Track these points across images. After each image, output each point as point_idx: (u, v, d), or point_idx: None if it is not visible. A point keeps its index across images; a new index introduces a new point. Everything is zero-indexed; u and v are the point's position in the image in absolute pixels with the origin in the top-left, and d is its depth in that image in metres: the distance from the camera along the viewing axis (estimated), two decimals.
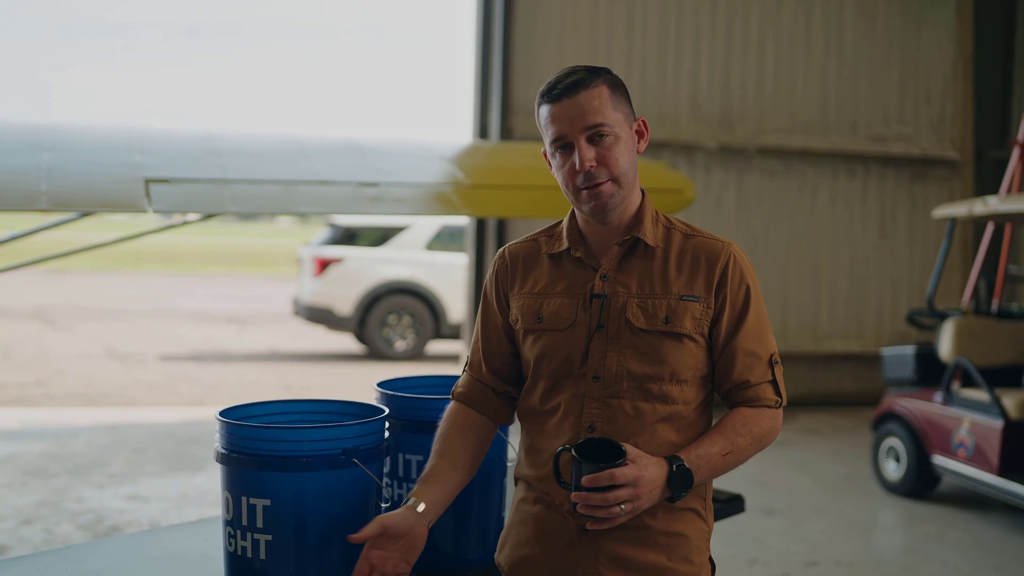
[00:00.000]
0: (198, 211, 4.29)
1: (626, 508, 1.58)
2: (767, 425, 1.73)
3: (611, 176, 1.70)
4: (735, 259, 1.75)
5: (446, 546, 2.16)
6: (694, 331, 1.72)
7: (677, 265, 1.75)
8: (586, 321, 1.74)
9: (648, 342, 1.71)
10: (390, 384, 2.28)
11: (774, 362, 1.75)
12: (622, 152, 1.70)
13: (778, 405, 1.75)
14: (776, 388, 1.75)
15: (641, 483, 1.58)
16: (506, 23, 8.22)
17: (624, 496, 1.57)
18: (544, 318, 1.78)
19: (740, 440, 1.70)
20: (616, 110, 1.70)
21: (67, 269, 22.60)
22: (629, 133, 1.73)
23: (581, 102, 1.68)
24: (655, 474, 1.60)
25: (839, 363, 8.90)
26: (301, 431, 1.83)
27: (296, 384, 9.51)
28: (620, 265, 1.76)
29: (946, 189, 9.16)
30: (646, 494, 1.59)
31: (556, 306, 1.78)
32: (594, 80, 1.69)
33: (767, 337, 1.76)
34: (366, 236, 11.54)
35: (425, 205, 4.21)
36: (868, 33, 9.00)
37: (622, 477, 1.57)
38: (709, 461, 1.67)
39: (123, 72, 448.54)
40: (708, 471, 1.68)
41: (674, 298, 1.72)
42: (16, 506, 5.32)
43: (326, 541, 1.82)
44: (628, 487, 1.57)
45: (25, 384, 9.14)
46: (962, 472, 5.40)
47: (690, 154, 8.57)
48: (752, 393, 1.73)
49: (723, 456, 1.68)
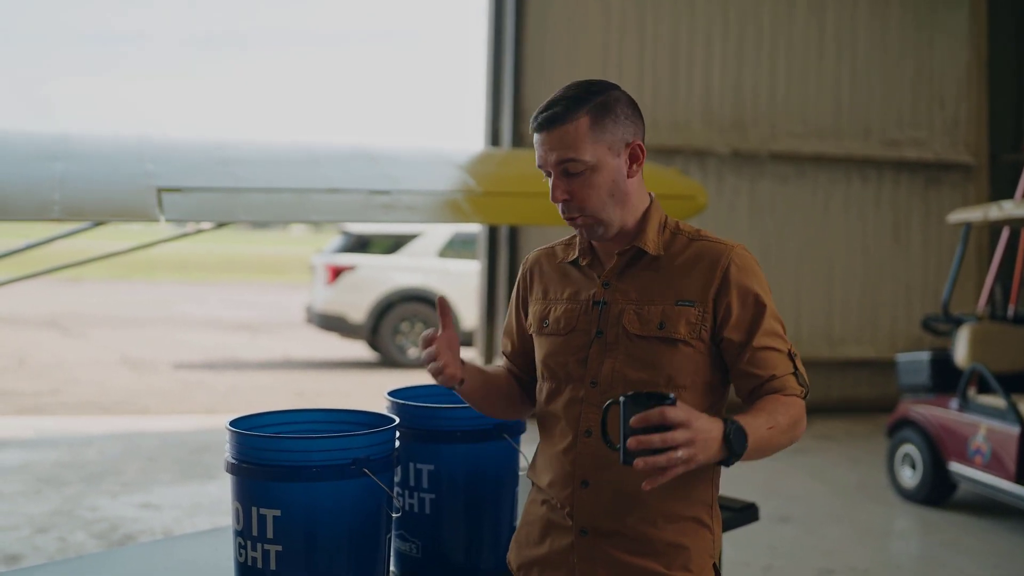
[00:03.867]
0: (210, 220, 4.30)
1: (683, 455, 1.45)
2: (797, 413, 1.68)
3: (582, 211, 1.72)
4: (736, 262, 1.72)
5: (459, 554, 2.16)
6: (689, 336, 1.70)
7: (678, 270, 1.74)
8: (586, 327, 1.77)
9: (643, 348, 1.71)
10: (401, 393, 2.27)
11: (792, 354, 1.73)
12: (597, 185, 1.70)
13: (804, 396, 1.71)
14: (800, 378, 1.72)
15: (695, 427, 1.46)
16: (517, 29, 8.23)
17: (680, 439, 1.45)
18: (549, 323, 1.83)
19: (781, 418, 1.63)
20: (597, 141, 1.68)
21: (81, 277, 22.70)
22: (614, 162, 1.71)
23: (556, 137, 1.68)
24: (709, 425, 1.49)
25: (854, 369, 8.85)
26: (311, 441, 1.83)
27: (309, 391, 9.52)
28: (621, 273, 1.78)
29: (960, 194, 9.11)
30: (702, 441, 1.47)
31: (560, 312, 1.82)
32: (573, 113, 1.67)
33: (782, 332, 1.74)
34: (378, 244, 11.55)
35: (437, 213, 4.21)
36: (881, 37, 8.97)
37: (675, 416, 1.45)
38: (756, 432, 1.57)
39: (128, 81, 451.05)
40: (757, 442, 1.57)
41: (669, 304, 1.72)
42: (30, 514, 5.33)
43: (336, 551, 1.82)
44: (683, 428, 1.45)
45: (40, 392, 9.18)
46: (979, 479, 5.35)
47: (702, 160, 8.54)
48: (778, 384, 1.70)
49: (768, 429, 1.60)
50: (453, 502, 2.13)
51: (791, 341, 1.77)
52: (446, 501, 2.13)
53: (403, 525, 2.16)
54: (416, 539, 2.15)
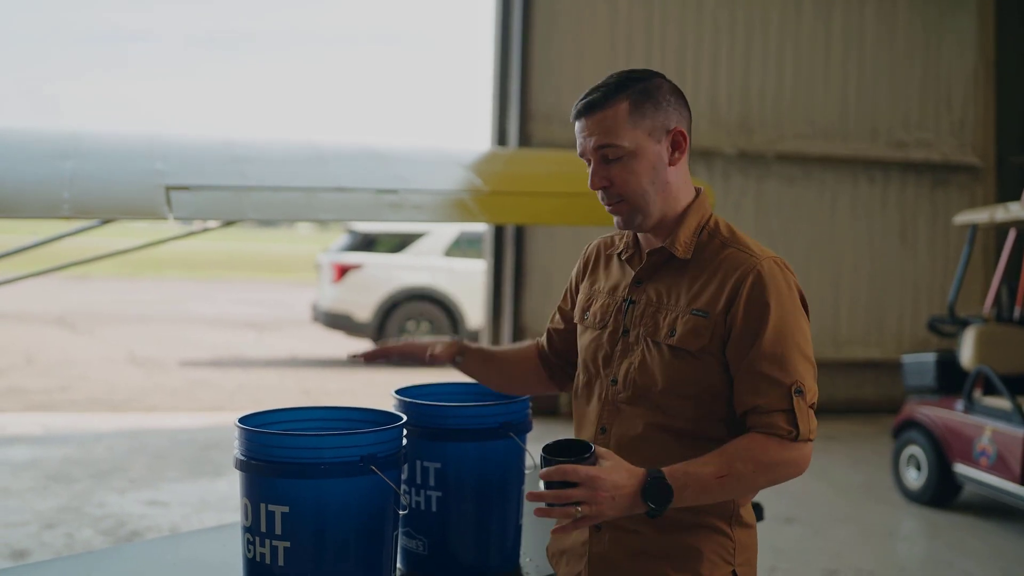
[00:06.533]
0: (218, 218, 4.31)
1: (583, 510, 1.50)
2: (776, 456, 1.60)
3: (621, 198, 1.71)
4: (757, 276, 1.64)
5: (465, 551, 2.17)
6: (698, 348, 1.66)
7: (701, 277, 1.70)
8: (616, 324, 1.78)
9: (655, 353, 1.71)
10: (408, 391, 2.28)
11: (796, 391, 1.61)
12: (637, 172, 1.69)
13: (792, 437, 1.60)
14: (791, 418, 1.60)
15: (599, 485, 1.50)
16: (525, 29, 8.23)
17: (578, 496, 1.49)
18: (589, 315, 1.85)
19: (740, 465, 1.58)
20: (636, 127, 1.68)
21: (89, 275, 22.76)
22: (654, 148, 1.70)
23: (595, 122, 1.69)
24: (622, 480, 1.52)
25: (859, 370, 8.85)
26: (319, 438, 1.84)
27: (316, 389, 9.54)
28: (653, 273, 1.77)
29: (967, 195, 9.10)
30: (606, 499, 1.50)
31: (599, 305, 1.84)
32: (612, 99, 1.68)
33: (792, 363, 1.62)
34: (385, 242, 11.57)
35: (444, 212, 4.21)
36: (888, 38, 8.96)
37: (574, 475, 1.49)
38: (699, 480, 1.56)
39: (134, 81, 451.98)
40: (696, 491, 1.57)
41: (684, 312, 1.69)
42: (38, 511, 5.36)
43: (344, 548, 1.83)
44: (584, 487, 1.49)
45: (48, 389, 9.21)
46: (984, 481, 5.35)
47: (709, 160, 8.54)
48: (764, 419, 1.61)
49: (717, 479, 1.57)
50: (460, 500, 2.14)
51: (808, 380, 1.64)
52: (453, 499, 2.14)
53: (410, 522, 2.17)
54: (423, 536, 2.16)
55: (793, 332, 1.65)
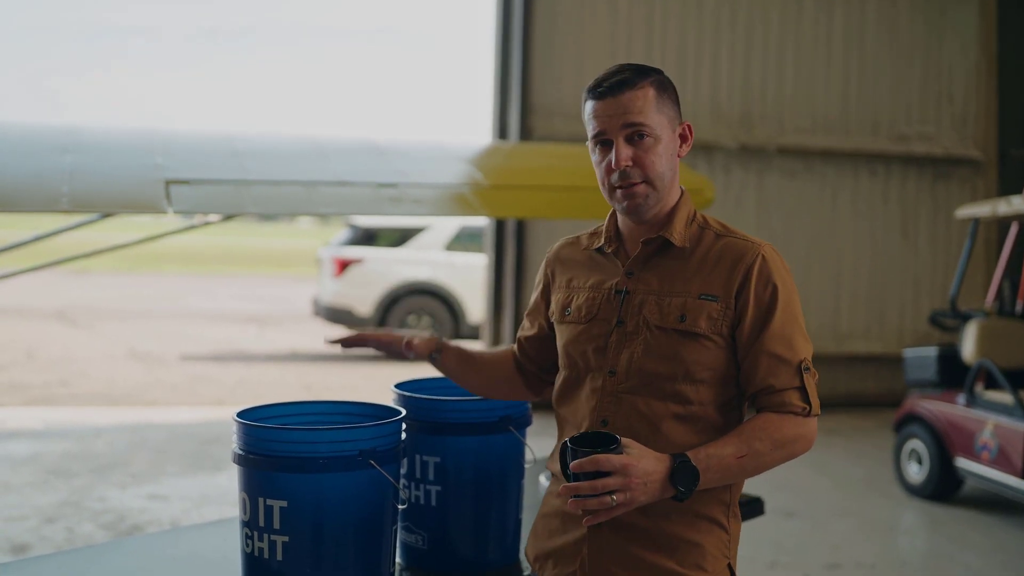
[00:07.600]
0: (218, 212, 4.31)
1: (617, 499, 1.52)
2: (791, 432, 1.67)
3: (645, 178, 1.72)
4: (763, 260, 1.71)
5: (464, 546, 2.17)
6: (710, 331, 1.70)
7: (703, 265, 1.74)
8: (607, 316, 1.77)
9: (662, 340, 1.71)
10: (407, 386, 2.28)
11: (804, 368, 1.69)
12: (660, 154, 1.72)
13: (805, 413, 1.68)
14: (804, 395, 1.68)
15: (631, 472, 1.52)
16: (525, 24, 8.22)
17: (613, 485, 1.52)
18: (571, 311, 1.83)
19: (758, 444, 1.64)
20: (660, 112, 1.71)
21: (89, 269, 22.77)
22: (671, 136, 1.74)
23: (624, 101, 1.69)
24: (651, 467, 1.55)
25: (860, 364, 8.84)
26: (318, 432, 1.84)
27: (316, 384, 9.54)
28: (646, 263, 1.78)
29: (969, 189, 9.08)
30: (639, 485, 1.53)
31: (583, 300, 1.83)
32: (640, 81, 1.71)
33: (797, 342, 1.70)
34: (385, 237, 11.57)
35: (444, 206, 4.21)
36: (890, 32, 8.94)
37: (607, 464, 1.52)
38: (721, 462, 1.61)
39: (135, 75, 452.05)
40: (719, 472, 1.62)
41: (692, 297, 1.71)
42: (39, 505, 5.36)
43: (342, 542, 1.83)
44: (617, 476, 1.52)
45: (48, 384, 9.22)
46: (985, 475, 5.34)
47: (710, 154, 8.53)
48: (777, 399, 1.68)
49: (737, 458, 1.63)
50: (459, 494, 2.14)
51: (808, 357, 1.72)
52: (452, 493, 2.14)
53: (409, 517, 2.17)
54: (422, 531, 2.16)
55: (796, 312, 1.72)
